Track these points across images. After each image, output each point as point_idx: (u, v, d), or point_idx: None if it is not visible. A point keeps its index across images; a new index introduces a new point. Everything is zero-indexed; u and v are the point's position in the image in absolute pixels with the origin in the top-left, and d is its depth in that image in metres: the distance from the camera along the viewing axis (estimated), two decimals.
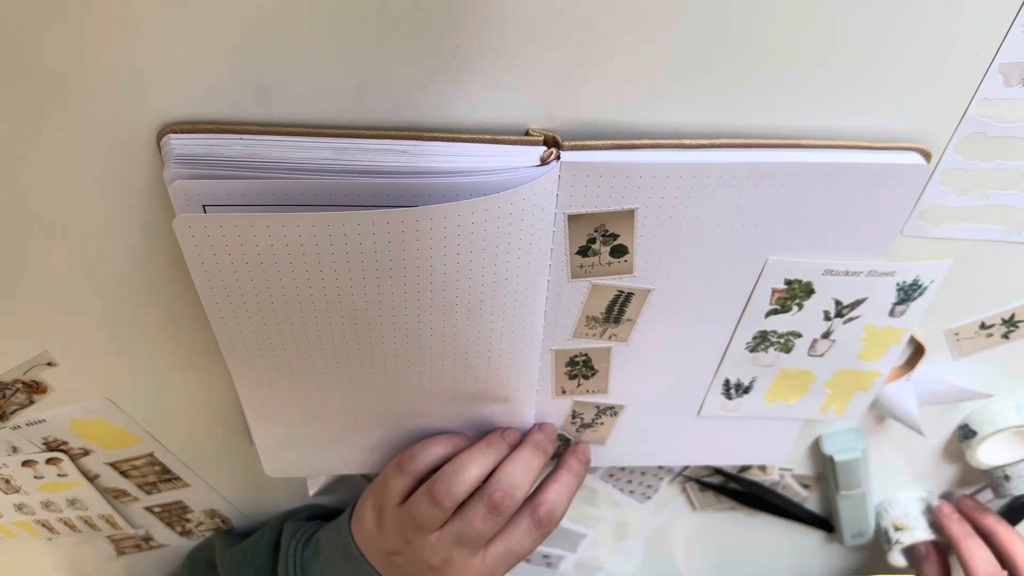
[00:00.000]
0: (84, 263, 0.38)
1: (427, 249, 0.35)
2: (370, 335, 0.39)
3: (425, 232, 0.34)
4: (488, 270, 0.37)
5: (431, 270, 0.36)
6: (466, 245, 0.35)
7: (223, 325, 0.38)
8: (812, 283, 0.43)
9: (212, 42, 0.31)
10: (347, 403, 0.45)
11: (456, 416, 0.47)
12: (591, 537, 0.66)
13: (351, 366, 0.42)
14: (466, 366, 0.43)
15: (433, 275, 0.36)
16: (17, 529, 0.57)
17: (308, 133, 0.33)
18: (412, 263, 0.36)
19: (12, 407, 0.45)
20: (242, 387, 0.43)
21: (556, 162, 0.35)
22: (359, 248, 0.35)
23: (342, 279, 0.36)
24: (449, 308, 0.38)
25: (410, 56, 0.32)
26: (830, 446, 0.57)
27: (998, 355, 0.51)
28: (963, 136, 0.38)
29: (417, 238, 0.34)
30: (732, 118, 0.36)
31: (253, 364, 0.41)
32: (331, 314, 0.38)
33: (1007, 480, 0.58)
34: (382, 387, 0.44)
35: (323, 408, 0.45)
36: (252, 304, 0.37)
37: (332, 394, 0.44)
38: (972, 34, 0.34)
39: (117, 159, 0.34)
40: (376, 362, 0.41)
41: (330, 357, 0.41)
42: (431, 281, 0.37)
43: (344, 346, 0.40)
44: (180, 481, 0.53)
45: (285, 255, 0.35)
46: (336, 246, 0.34)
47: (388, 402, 0.45)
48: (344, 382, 0.43)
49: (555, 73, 0.34)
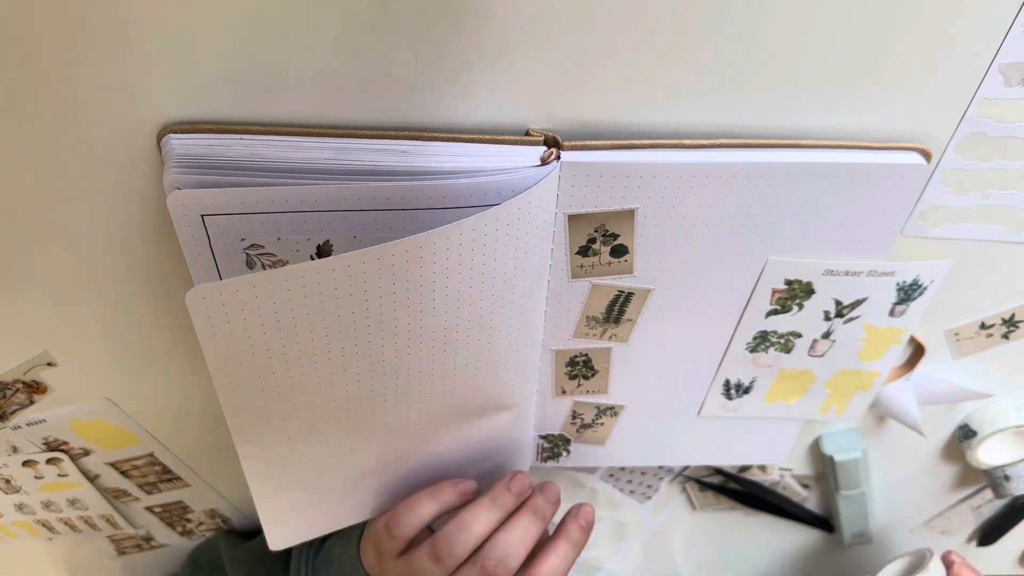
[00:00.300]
0: (84, 263, 0.38)
1: (431, 273, 0.35)
2: (384, 369, 0.39)
3: (429, 256, 0.34)
4: (495, 280, 0.37)
5: (444, 290, 0.36)
6: (471, 261, 0.35)
7: (234, 401, 0.38)
8: (812, 283, 0.43)
9: (212, 42, 0.31)
10: (355, 449, 0.44)
11: (461, 440, 0.47)
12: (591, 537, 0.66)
13: (363, 407, 0.41)
14: (475, 378, 0.42)
15: (445, 295, 0.36)
16: (17, 529, 0.57)
17: (308, 133, 0.33)
18: (420, 289, 0.36)
19: (12, 407, 0.45)
20: (249, 465, 0.42)
21: (556, 162, 0.35)
22: (364, 285, 0.35)
23: (359, 319, 0.36)
24: (459, 325, 0.39)
25: (410, 56, 0.32)
26: (830, 446, 0.57)
27: (998, 355, 0.51)
28: (963, 136, 0.38)
29: (422, 264, 0.34)
30: (732, 118, 0.36)
31: (262, 435, 0.40)
32: (345, 356, 0.38)
33: (1007, 480, 0.58)
34: (393, 424, 0.43)
35: (331, 462, 0.44)
36: (264, 367, 0.37)
37: (340, 444, 0.43)
38: (972, 34, 0.34)
39: (117, 159, 0.34)
40: (388, 396, 0.41)
41: (341, 405, 0.40)
42: (443, 301, 0.37)
43: (356, 387, 0.40)
44: (180, 481, 0.53)
45: (302, 305, 0.34)
46: (350, 286, 0.34)
47: (396, 438, 0.44)
48: (354, 427, 0.42)
49: (555, 73, 0.34)
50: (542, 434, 0.52)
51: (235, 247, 0.34)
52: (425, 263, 0.35)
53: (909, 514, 0.66)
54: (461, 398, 0.43)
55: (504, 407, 0.46)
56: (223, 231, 0.33)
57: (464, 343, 0.40)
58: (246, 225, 0.33)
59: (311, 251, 0.35)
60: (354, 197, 0.33)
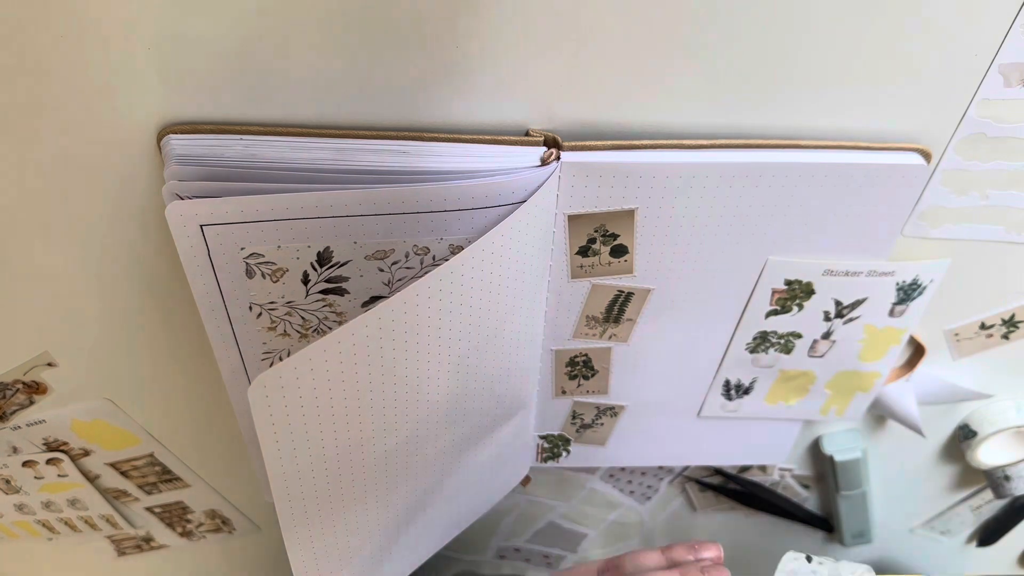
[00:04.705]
0: (84, 264, 0.38)
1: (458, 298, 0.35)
2: (418, 408, 0.39)
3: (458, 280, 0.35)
4: (507, 291, 0.37)
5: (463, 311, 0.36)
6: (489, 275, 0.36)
7: (286, 487, 0.36)
8: (812, 283, 0.43)
9: (212, 44, 0.31)
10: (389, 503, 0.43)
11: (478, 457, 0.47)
12: (591, 537, 0.66)
13: (399, 453, 0.41)
14: (491, 390, 0.43)
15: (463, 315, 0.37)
16: (17, 529, 0.57)
17: (308, 133, 0.33)
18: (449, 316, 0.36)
19: (12, 407, 0.45)
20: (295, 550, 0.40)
21: (556, 162, 0.35)
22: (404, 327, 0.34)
23: (398, 363, 0.36)
24: (476, 344, 0.39)
25: (410, 57, 0.32)
26: (830, 446, 0.57)
27: (998, 355, 0.51)
28: (963, 136, 0.38)
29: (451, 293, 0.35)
30: (732, 118, 0.36)
31: (307, 514, 0.39)
32: (386, 404, 0.37)
33: (1007, 480, 0.58)
34: (421, 464, 0.42)
35: (367, 525, 0.43)
36: (316, 441, 0.36)
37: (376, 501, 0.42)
38: (972, 34, 0.34)
39: (117, 160, 0.34)
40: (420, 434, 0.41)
41: (380, 457, 0.40)
42: (466, 321, 0.37)
43: (395, 436, 0.39)
44: (180, 481, 0.53)
45: (351, 364, 0.34)
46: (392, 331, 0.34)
47: (423, 478, 0.44)
48: (389, 478, 0.41)
49: (555, 73, 0.34)
50: (542, 434, 0.52)
51: (234, 256, 0.34)
52: (453, 288, 0.35)
53: (909, 514, 0.66)
54: (480, 413, 0.43)
55: (515, 411, 0.46)
56: (222, 240, 0.33)
57: (480, 360, 0.40)
58: (245, 234, 0.33)
59: (311, 258, 0.35)
60: (354, 202, 0.33)
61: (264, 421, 0.33)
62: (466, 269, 0.35)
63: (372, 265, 0.36)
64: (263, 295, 0.36)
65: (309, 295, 0.36)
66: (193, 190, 0.32)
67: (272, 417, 0.33)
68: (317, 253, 0.34)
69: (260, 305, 0.36)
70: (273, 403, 0.33)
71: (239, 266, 0.34)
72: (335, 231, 0.34)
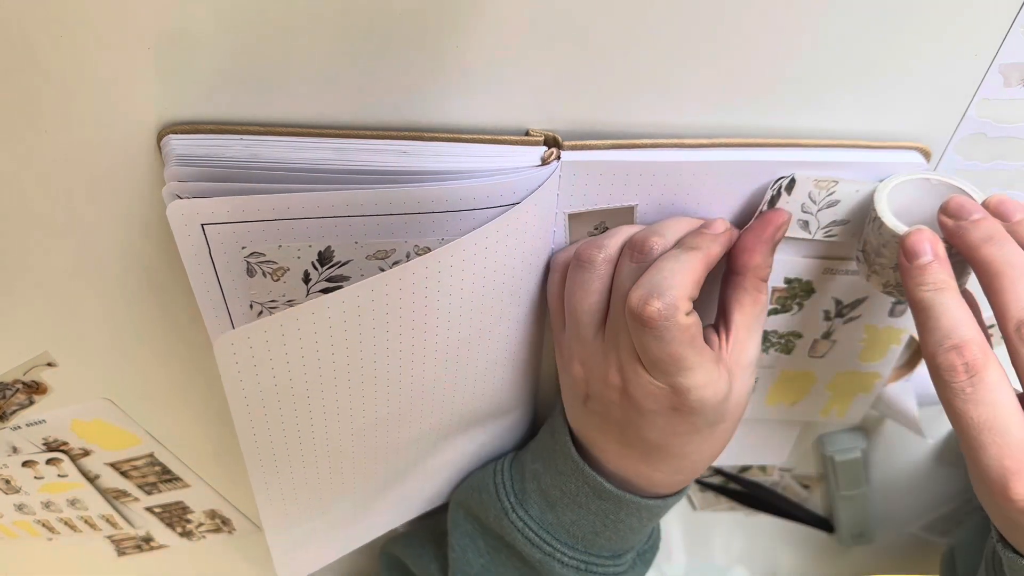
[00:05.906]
0: (84, 263, 0.38)
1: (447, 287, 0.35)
2: (399, 391, 0.39)
3: (447, 270, 0.35)
4: (502, 287, 0.37)
5: (456, 303, 0.36)
6: (483, 270, 0.36)
7: (253, 436, 0.38)
8: (812, 282, 0.43)
9: (212, 42, 0.31)
10: (366, 471, 0.44)
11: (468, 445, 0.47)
12: None
13: (377, 429, 0.41)
14: (481, 386, 0.43)
15: (457, 308, 0.37)
16: (17, 529, 0.57)
17: (308, 133, 0.33)
18: (436, 305, 0.36)
19: (12, 407, 0.45)
20: (263, 498, 0.42)
21: (557, 162, 0.35)
22: (385, 308, 0.35)
23: (379, 343, 0.36)
24: (467, 337, 0.39)
25: (410, 56, 0.32)
26: (830, 446, 0.57)
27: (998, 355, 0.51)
28: (963, 136, 0.38)
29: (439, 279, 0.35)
30: (732, 118, 0.36)
31: (277, 466, 0.40)
32: (363, 384, 0.38)
33: None
34: (403, 441, 0.43)
35: (342, 488, 0.44)
36: (287, 405, 0.37)
37: (353, 468, 0.43)
38: (972, 34, 0.34)
39: (117, 159, 0.34)
40: (402, 416, 0.41)
41: (357, 431, 0.41)
42: (456, 314, 0.37)
43: (373, 412, 0.40)
44: (180, 481, 0.53)
45: (327, 338, 0.35)
46: (372, 311, 0.35)
47: (405, 454, 0.45)
48: (366, 450, 0.42)
49: (555, 73, 0.34)
50: None
51: (235, 255, 0.34)
52: (443, 278, 0.35)
53: (909, 514, 0.66)
54: (469, 407, 0.43)
55: (508, 411, 0.46)
56: (223, 240, 0.33)
57: (472, 353, 0.40)
58: (247, 233, 0.33)
59: (312, 257, 0.35)
60: (355, 202, 0.33)
61: (231, 377, 0.35)
62: (456, 260, 0.35)
63: (373, 265, 0.36)
64: (264, 294, 0.36)
65: (310, 294, 0.36)
66: (193, 190, 0.32)
67: (240, 375, 0.35)
68: (318, 252, 0.34)
69: (261, 303, 0.36)
70: (241, 360, 0.34)
71: (240, 265, 0.34)
72: (336, 231, 0.34)
